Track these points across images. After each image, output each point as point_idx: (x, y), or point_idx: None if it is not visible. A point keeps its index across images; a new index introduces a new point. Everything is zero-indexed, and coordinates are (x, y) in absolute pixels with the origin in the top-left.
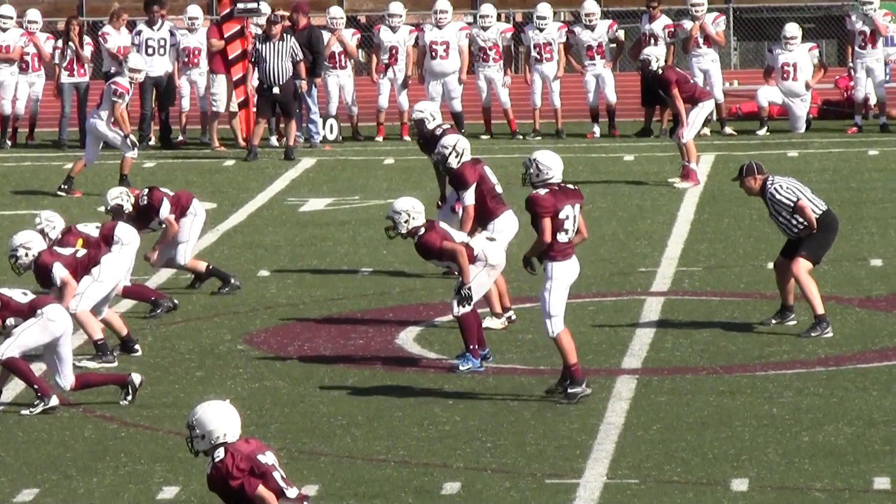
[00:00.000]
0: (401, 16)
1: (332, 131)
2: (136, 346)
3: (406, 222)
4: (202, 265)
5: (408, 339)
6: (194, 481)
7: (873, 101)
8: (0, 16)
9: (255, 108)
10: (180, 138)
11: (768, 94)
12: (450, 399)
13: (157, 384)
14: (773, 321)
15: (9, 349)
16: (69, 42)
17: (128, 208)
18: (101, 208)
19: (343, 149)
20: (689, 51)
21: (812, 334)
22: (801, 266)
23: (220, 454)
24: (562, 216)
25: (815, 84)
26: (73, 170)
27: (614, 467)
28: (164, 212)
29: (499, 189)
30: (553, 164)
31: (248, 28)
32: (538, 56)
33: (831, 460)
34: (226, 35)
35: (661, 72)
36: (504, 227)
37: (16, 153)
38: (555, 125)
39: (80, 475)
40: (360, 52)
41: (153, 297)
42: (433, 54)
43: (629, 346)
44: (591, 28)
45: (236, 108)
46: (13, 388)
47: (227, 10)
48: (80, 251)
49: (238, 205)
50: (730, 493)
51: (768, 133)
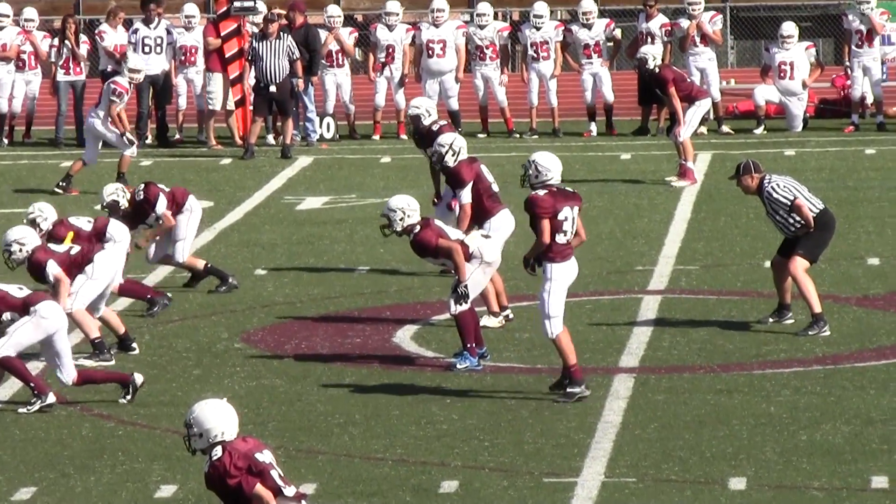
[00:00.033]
0: (398, 14)
1: (328, 130)
2: (134, 345)
3: (401, 220)
4: (200, 263)
5: (405, 337)
6: (192, 480)
7: (870, 99)
8: None
9: (251, 107)
10: (177, 137)
11: (765, 93)
12: (447, 398)
13: (154, 382)
14: (771, 320)
15: (3, 348)
16: (65, 40)
17: (123, 204)
18: (99, 207)
19: (340, 147)
20: (685, 49)
21: (809, 333)
22: (799, 265)
23: (217, 452)
24: (560, 217)
25: (812, 83)
26: (71, 169)
27: (612, 466)
28: (161, 207)
29: (495, 188)
30: (552, 166)
31: (244, 26)
32: (535, 55)
33: (829, 459)
34: (222, 33)
35: (657, 70)
36: (500, 225)
37: (12, 151)
38: (551, 124)
39: (78, 473)
40: (357, 50)
41: (149, 296)
42: (430, 53)
43: (626, 345)
44: (588, 27)
45: (233, 107)
46: (10, 387)
47: (224, 9)
48: (74, 248)
49: (235, 203)
50: (727, 492)
51: (765, 132)
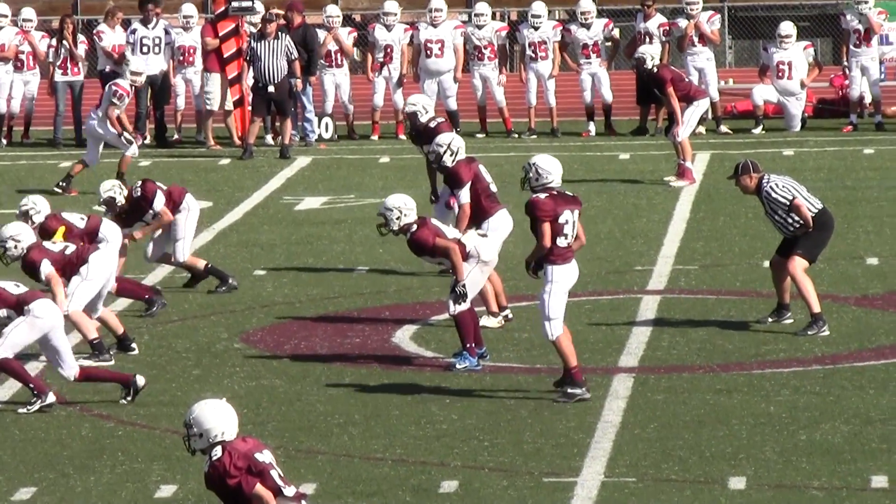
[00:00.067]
0: (396, 14)
1: (327, 130)
2: (133, 345)
3: (398, 219)
4: (201, 263)
5: (404, 337)
6: (192, 480)
7: (868, 99)
8: None
9: (250, 107)
10: (176, 137)
11: (763, 93)
12: (447, 398)
13: (154, 383)
14: (770, 319)
15: (0, 350)
16: (63, 40)
17: (120, 201)
18: (97, 206)
19: (338, 147)
20: (684, 49)
21: (808, 332)
22: (798, 264)
23: (217, 453)
24: (561, 220)
25: (811, 83)
26: (72, 170)
27: (612, 466)
28: (159, 204)
29: (493, 188)
30: (553, 169)
31: (242, 26)
32: (533, 55)
33: (829, 458)
34: (221, 33)
35: (656, 70)
36: (498, 225)
37: (11, 152)
38: (550, 124)
39: (78, 474)
40: (356, 50)
41: (147, 296)
42: (428, 53)
43: (626, 345)
44: (587, 26)
45: (231, 107)
46: (10, 387)
47: (222, 9)
48: (70, 248)
49: (234, 203)
50: (727, 492)
51: (763, 131)
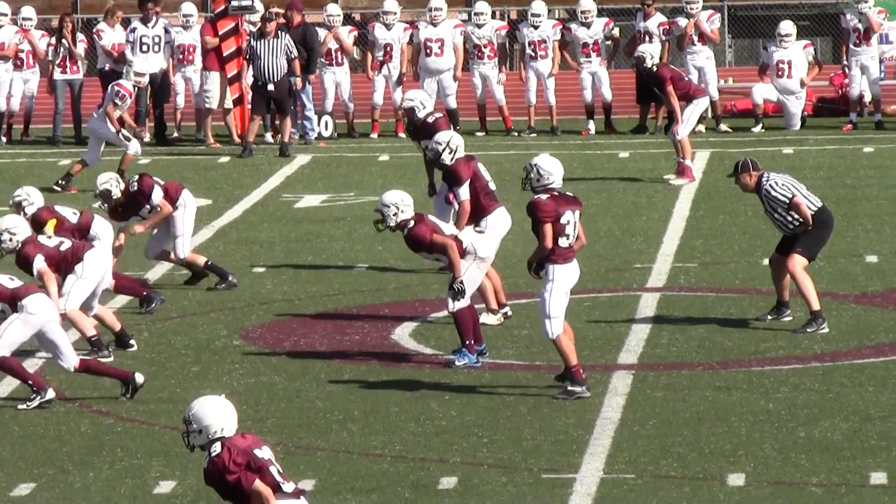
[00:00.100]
0: (395, 13)
1: (326, 128)
2: (132, 341)
3: (395, 215)
4: (201, 259)
5: (404, 334)
6: (191, 476)
7: (868, 98)
8: None
9: (249, 105)
10: (175, 135)
11: (763, 92)
12: (446, 394)
13: (153, 379)
14: (769, 317)
15: None
16: (62, 39)
17: (116, 194)
18: (96, 205)
19: (338, 145)
20: (683, 48)
21: (808, 330)
22: (797, 262)
23: (216, 449)
24: (563, 221)
25: (810, 81)
26: (72, 169)
27: (611, 462)
28: (157, 197)
29: (492, 186)
30: (554, 170)
31: (242, 25)
32: (533, 53)
33: (828, 455)
34: (220, 32)
35: (655, 69)
36: (497, 223)
37: (11, 150)
38: (550, 122)
39: (77, 470)
40: (356, 49)
41: (144, 293)
42: (428, 51)
43: (625, 342)
44: (587, 25)
45: (231, 105)
46: (9, 384)
47: (222, 8)
48: (65, 244)
49: (233, 201)
50: (726, 488)
51: (763, 130)
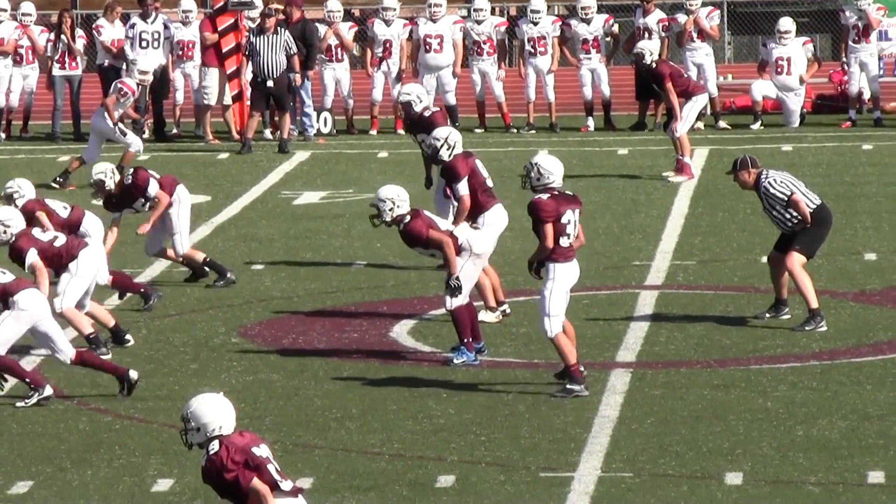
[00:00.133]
0: (395, 9)
1: (326, 124)
2: (128, 336)
3: (391, 210)
4: (200, 256)
5: (402, 332)
6: (189, 474)
7: (867, 95)
8: None
9: (248, 102)
10: (174, 131)
11: (762, 89)
12: (444, 392)
13: (151, 377)
14: (767, 315)
15: None
16: (62, 35)
17: (110, 185)
18: (94, 200)
19: (337, 142)
20: (683, 45)
21: (806, 328)
22: (796, 260)
23: (214, 447)
24: (563, 220)
25: (809, 78)
26: (70, 165)
27: (609, 461)
28: (153, 189)
29: (490, 182)
30: (554, 169)
31: (241, 21)
32: (532, 50)
33: (825, 454)
34: (219, 28)
35: (654, 66)
36: (494, 220)
37: (10, 146)
38: (549, 119)
39: (75, 467)
40: (355, 45)
41: (142, 290)
42: (427, 48)
43: (623, 340)
44: (587, 21)
45: (230, 102)
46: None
47: (221, 4)
48: (59, 239)
49: (232, 198)
50: (724, 487)
51: (762, 127)
